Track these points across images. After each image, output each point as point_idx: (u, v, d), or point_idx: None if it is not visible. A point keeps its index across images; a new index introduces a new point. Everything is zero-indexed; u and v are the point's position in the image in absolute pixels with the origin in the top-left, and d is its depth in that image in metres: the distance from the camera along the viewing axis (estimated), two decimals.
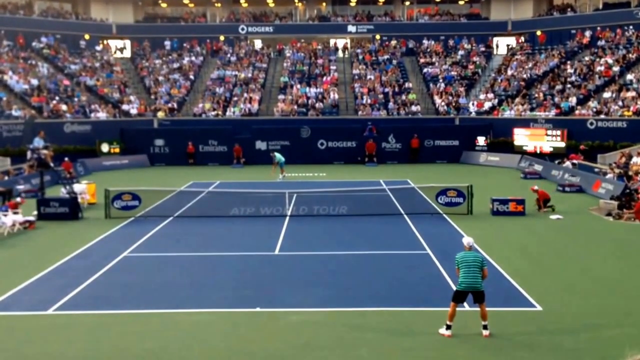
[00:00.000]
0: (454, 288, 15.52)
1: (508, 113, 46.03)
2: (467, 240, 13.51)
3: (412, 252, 19.72)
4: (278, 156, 37.82)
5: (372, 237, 21.80)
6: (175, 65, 55.21)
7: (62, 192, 27.89)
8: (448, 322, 12.79)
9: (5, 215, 23.24)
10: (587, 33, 51.61)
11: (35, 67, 49.33)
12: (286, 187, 28.77)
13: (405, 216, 25.18)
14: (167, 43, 58.20)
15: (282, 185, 32.27)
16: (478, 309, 12.89)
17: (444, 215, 25.33)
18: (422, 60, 54.88)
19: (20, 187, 31.89)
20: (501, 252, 19.32)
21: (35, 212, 25.40)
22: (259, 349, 12.25)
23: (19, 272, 17.59)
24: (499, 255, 18.84)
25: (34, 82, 47.03)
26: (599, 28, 51.26)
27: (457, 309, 12.89)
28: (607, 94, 43.28)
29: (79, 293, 15.74)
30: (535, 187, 27.29)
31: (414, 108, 48.44)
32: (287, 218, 25.11)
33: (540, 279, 16.71)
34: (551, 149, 41.36)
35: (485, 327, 12.83)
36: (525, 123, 43.81)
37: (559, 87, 46.50)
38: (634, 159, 32.88)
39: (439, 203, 26.34)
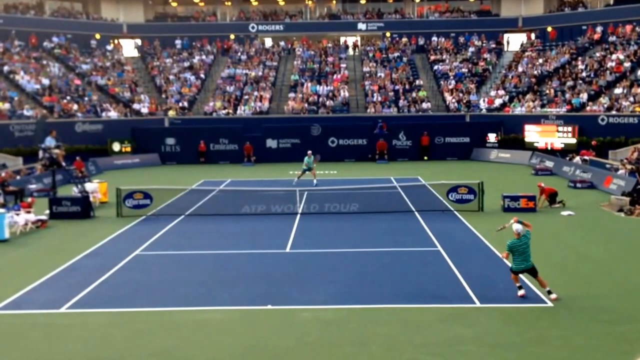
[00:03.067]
0: (464, 284, 15.68)
1: (519, 109, 45.86)
2: (516, 227, 14.96)
3: (423, 249, 19.71)
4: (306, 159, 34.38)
5: (383, 235, 21.79)
6: (186, 64, 55.33)
7: (74, 191, 28.04)
8: (517, 284, 14.82)
9: (18, 215, 23.37)
10: (598, 29, 51.29)
11: (46, 67, 49.54)
12: (297, 185, 28.76)
13: (416, 213, 25.15)
14: (178, 42, 58.32)
15: (293, 183, 32.28)
16: (489, 305, 12.93)
17: (455, 212, 25.28)
18: (432, 58, 54.74)
19: (33, 186, 32.06)
20: None
21: (47, 211, 25.52)
22: (270, 346, 12.28)
23: (31, 271, 17.71)
24: None
25: (46, 81, 47.24)
26: (610, 24, 50.92)
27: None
28: (618, 90, 43.03)
29: (91, 291, 15.83)
30: (542, 185, 27.22)
31: (424, 105, 48.35)
32: (298, 216, 25.14)
33: (551, 275, 16.58)
34: (562, 146, 41.18)
35: (550, 292, 14.52)
36: (536, 119, 43.64)
37: (570, 83, 46.27)
38: None
39: (450, 200, 26.30)
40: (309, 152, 34.19)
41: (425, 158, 44.19)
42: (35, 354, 12.13)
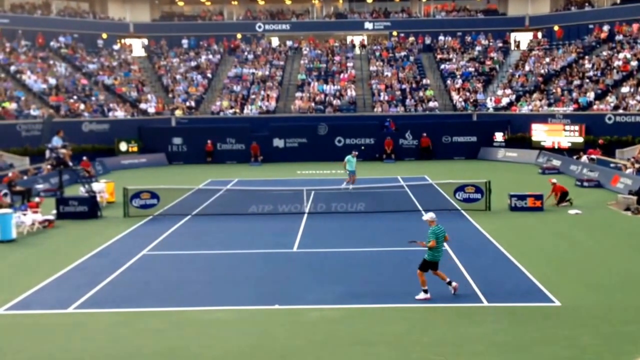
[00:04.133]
0: (471, 283, 15.62)
1: (526, 108, 45.77)
2: (431, 215, 15.11)
3: None
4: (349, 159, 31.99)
5: (390, 234, 21.79)
6: (193, 63, 55.39)
7: (81, 191, 28.07)
8: (424, 287, 14.62)
9: (25, 215, 23.42)
10: (605, 28, 51.15)
11: (53, 67, 49.68)
12: (304, 184, 28.77)
13: (423, 212, 25.04)
14: (185, 41, 58.39)
15: (300, 183, 32.25)
16: (496, 304, 12.91)
17: (462, 211, 25.25)
18: (439, 57, 54.67)
19: (40, 186, 32.14)
20: (519, 248, 19.24)
21: (55, 211, 25.56)
22: (278, 346, 12.28)
23: (38, 271, 17.74)
24: (517, 251, 18.77)
25: (52, 81, 47.37)
26: (617, 23, 50.73)
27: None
28: (625, 89, 42.91)
29: (99, 291, 15.85)
30: (554, 180, 27.16)
31: (431, 104, 48.30)
32: (305, 215, 25.14)
33: (558, 274, 16.63)
34: (569, 144, 41.09)
35: (450, 283, 14.83)
36: (543, 118, 43.56)
37: (576, 82, 46.16)
38: None
39: (457, 199, 26.26)
40: (354, 152, 32.45)
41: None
42: (43, 354, 12.15)
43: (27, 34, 52.11)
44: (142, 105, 48.90)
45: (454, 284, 14.85)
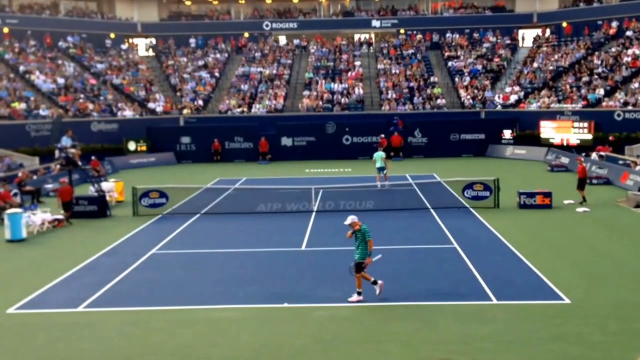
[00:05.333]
0: (480, 281, 15.60)
1: (534, 105, 45.62)
2: (352, 217, 14.79)
3: (439, 246, 19.67)
4: (377, 156, 31.49)
5: (398, 232, 21.77)
6: (201, 62, 55.48)
7: (90, 190, 28.21)
8: (360, 289, 14.46)
9: (35, 214, 23.53)
10: (614, 24, 50.87)
11: (61, 67, 49.86)
12: (312, 182, 28.79)
13: (432, 210, 25.09)
14: (192, 41, 58.49)
15: (308, 181, 32.24)
16: (505, 302, 12.90)
17: (471, 209, 25.20)
18: (447, 54, 54.57)
19: (49, 186, 32.28)
20: (529, 245, 19.20)
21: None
22: (286, 344, 12.30)
23: (48, 270, 17.84)
24: (527, 249, 18.73)
25: (61, 81, 47.56)
26: (625, 18, 50.46)
27: None
28: (634, 85, 42.68)
29: (108, 290, 15.92)
30: (582, 159, 27.10)
31: (439, 102, 48.22)
32: (314, 214, 25.15)
33: (568, 271, 16.59)
34: (578, 141, 40.92)
35: (375, 282, 14.67)
36: (551, 115, 43.41)
37: (585, 78, 45.96)
38: None
39: (466, 197, 26.23)
40: (380, 147, 31.49)
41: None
42: (53, 353, 12.21)
43: (36, 35, 52.31)
44: (151, 105, 49.02)
45: (379, 282, 14.77)
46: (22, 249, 20.87)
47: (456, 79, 51.07)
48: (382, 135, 43.14)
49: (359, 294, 14.48)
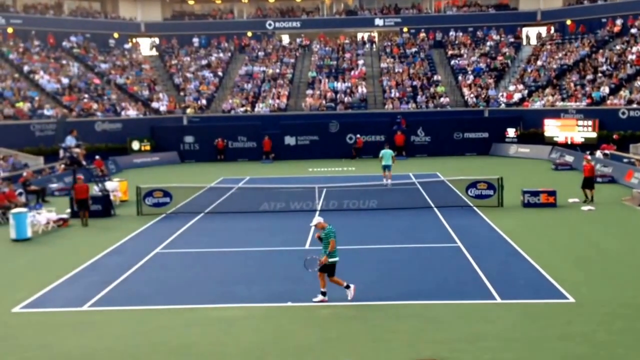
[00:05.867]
0: (484, 280, 15.58)
1: (538, 104, 45.52)
2: (318, 218, 14.74)
3: (442, 245, 19.66)
4: (385, 153, 31.51)
5: (402, 231, 21.77)
6: (204, 62, 55.50)
7: (94, 189, 28.22)
8: (324, 289, 14.37)
9: (40, 214, 23.58)
10: (618, 21, 50.73)
11: (66, 67, 49.93)
12: (316, 181, 28.79)
13: (435, 209, 25.07)
14: (195, 40, 58.52)
15: (312, 180, 32.24)
16: (509, 301, 12.88)
17: (475, 208, 25.17)
18: (450, 52, 54.48)
19: (54, 185, 32.35)
20: (533, 244, 19.17)
21: (69, 210, 25.72)
22: (291, 343, 12.32)
23: (53, 269, 17.86)
24: (531, 247, 18.71)
25: (65, 81, 47.63)
26: (630, 16, 50.30)
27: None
28: (639, 83, 42.56)
29: (113, 289, 15.95)
30: (589, 157, 27.04)
31: (442, 101, 48.16)
32: (317, 213, 25.07)
33: (572, 270, 16.57)
34: (582, 140, 40.82)
35: (348, 287, 14.47)
36: (555, 114, 43.29)
37: (589, 76, 45.85)
38: None
39: (469, 196, 26.20)
40: (387, 144, 31.80)
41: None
42: (58, 352, 12.23)
43: (40, 34, 52.38)
44: (154, 104, 49.06)
45: (352, 286, 14.55)
46: (27, 249, 20.92)
47: (459, 78, 51.00)
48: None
49: (323, 294, 14.39)
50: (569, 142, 41.26)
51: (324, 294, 14.40)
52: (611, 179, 30.99)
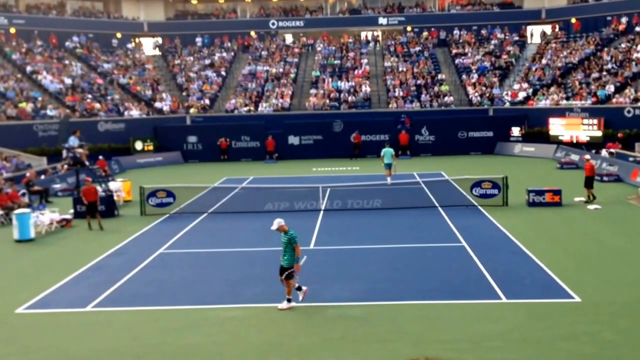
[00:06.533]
0: (489, 279, 15.49)
1: (543, 102, 45.37)
2: (279, 220, 14.29)
3: (447, 244, 19.57)
4: (386, 152, 31.79)
5: (407, 230, 21.69)
6: (207, 61, 55.47)
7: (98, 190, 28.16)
8: (290, 296, 13.97)
9: (43, 214, 23.54)
10: (623, 19, 50.52)
11: (68, 67, 49.94)
12: (320, 181, 28.71)
13: (440, 209, 24.97)
14: (199, 39, 58.50)
15: (315, 180, 32.15)
16: (514, 301, 12.79)
17: (479, 207, 25.07)
18: (454, 51, 54.34)
19: (57, 186, 32.34)
20: (538, 244, 19.07)
21: (72, 211, 25.71)
22: (295, 343, 12.26)
23: (57, 270, 17.84)
24: (536, 247, 18.60)
25: (68, 81, 47.62)
26: (635, 14, 50.09)
27: None
28: None
29: (116, 290, 15.90)
30: (587, 157, 26.93)
31: (447, 100, 48.04)
32: (322, 212, 25.08)
33: (578, 270, 16.46)
34: (588, 138, 40.65)
35: (299, 288, 14.15)
36: (560, 112, 43.14)
37: (595, 75, 45.68)
38: None
39: (474, 195, 26.09)
40: (387, 143, 32.05)
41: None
42: (61, 353, 12.20)
43: (42, 34, 52.41)
44: (157, 104, 49.04)
45: (304, 288, 14.31)
46: (31, 249, 20.89)
47: (464, 76, 50.87)
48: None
49: (288, 300, 14.05)
50: (574, 141, 41.09)
51: (289, 300, 14.04)
52: (617, 177, 30.86)
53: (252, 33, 59.06)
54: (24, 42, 50.71)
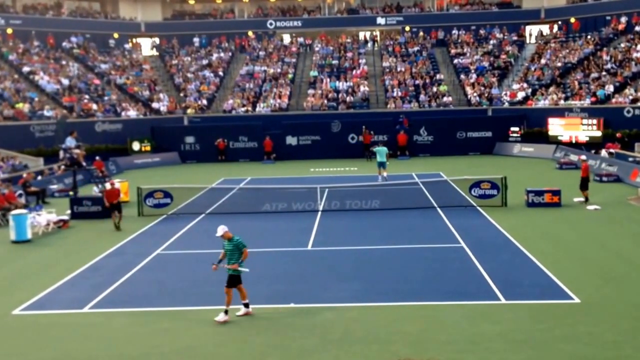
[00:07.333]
0: (489, 280, 15.41)
1: (542, 102, 45.30)
2: (223, 227, 13.91)
3: (446, 245, 19.48)
4: (379, 150, 32.47)
5: (405, 231, 21.61)
6: (204, 61, 55.36)
7: (94, 191, 28.11)
8: (228, 308, 13.45)
9: (40, 215, 23.44)
10: (623, 19, 50.43)
11: (65, 67, 49.81)
12: (318, 182, 28.63)
13: (439, 209, 24.88)
14: (196, 40, 58.40)
15: (313, 181, 32.04)
16: (514, 302, 12.70)
17: (478, 207, 24.99)
18: (453, 51, 54.26)
19: (54, 186, 32.23)
20: (537, 244, 18.99)
21: (69, 211, 25.60)
22: (294, 344, 12.17)
23: (54, 271, 17.76)
24: (535, 247, 18.53)
25: (65, 82, 47.48)
26: (634, 14, 50.01)
27: None
28: None
29: (114, 291, 15.83)
30: (583, 157, 26.83)
31: (445, 100, 47.96)
32: (319, 213, 24.99)
33: (577, 270, 16.39)
34: (587, 139, 40.56)
35: (246, 305, 13.71)
36: (560, 112, 43.05)
37: (594, 75, 45.61)
38: None
39: (473, 195, 26.01)
40: (380, 142, 32.82)
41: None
42: (59, 354, 12.12)
43: (39, 35, 52.28)
44: (154, 105, 48.92)
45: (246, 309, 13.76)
46: (27, 250, 20.78)
47: (462, 77, 50.80)
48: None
49: (226, 312, 13.47)
50: (574, 141, 41.00)
51: (226, 312, 13.48)
52: (616, 178, 30.77)
53: (250, 33, 58.98)
54: (20, 43, 50.55)
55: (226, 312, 13.45)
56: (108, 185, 24.78)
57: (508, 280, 15.46)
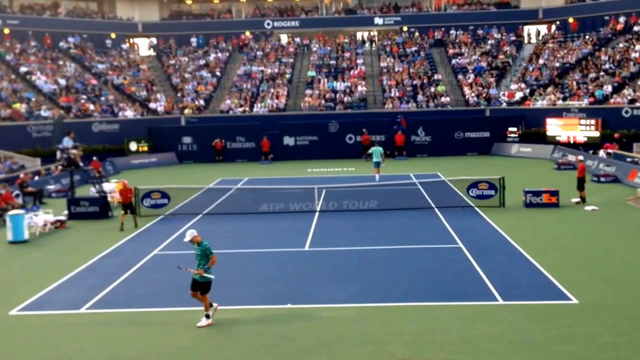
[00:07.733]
0: (486, 281, 15.38)
1: (540, 103, 45.28)
2: (192, 232, 13.61)
3: (443, 246, 19.45)
4: (374, 151, 33.16)
5: (402, 232, 21.58)
6: (202, 62, 55.29)
7: (91, 191, 28.07)
8: (209, 312, 13.26)
9: (37, 215, 23.38)
10: (621, 19, 50.41)
11: (62, 67, 49.73)
12: (315, 182, 28.59)
13: (436, 210, 24.85)
14: (193, 40, 58.34)
15: (311, 181, 32.00)
16: (512, 302, 12.67)
17: (476, 208, 24.95)
18: (450, 51, 54.24)
19: (51, 187, 32.17)
20: (535, 245, 18.97)
21: (66, 212, 25.54)
22: (291, 345, 12.13)
23: (51, 272, 17.71)
24: (533, 248, 18.51)
25: (62, 82, 47.39)
26: (633, 14, 49.99)
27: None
28: None
29: (111, 291, 15.79)
30: (580, 158, 26.76)
31: (443, 100, 47.93)
32: (317, 214, 24.96)
33: (575, 271, 16.37)
34: (585, 139, 40.53)
35: (208, 316, 13.29)
36: (557, 113, 43.03)
37: (592, 75, 45.59)
38: None
39: (470, 196, 25.99)
40: (376, 143, 33.37)
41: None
42: (56, 355, 12.08)
43: (36, 35, 52.20)
44: (152, 105, 48.85)
45: (214, 304, 13.56)
46: (24, 251, 20.74)
47: (460, 77, 50.78)
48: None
49: (207, 317, 13.30)
50: (572, 142, 40.99)
51: (208, 316, 13.30)
52: (614, 178, 30.76)
53: (247, 33, 58.92)
54: (17, 43, 50.50)
55: (207, 316, 13.29)
56: (120, 186, 24.77)
57: (506, 281, 15.44)
